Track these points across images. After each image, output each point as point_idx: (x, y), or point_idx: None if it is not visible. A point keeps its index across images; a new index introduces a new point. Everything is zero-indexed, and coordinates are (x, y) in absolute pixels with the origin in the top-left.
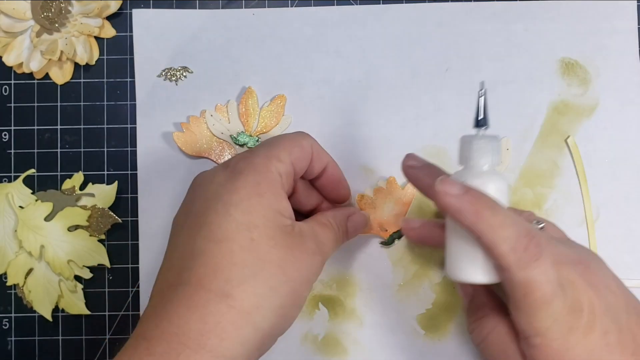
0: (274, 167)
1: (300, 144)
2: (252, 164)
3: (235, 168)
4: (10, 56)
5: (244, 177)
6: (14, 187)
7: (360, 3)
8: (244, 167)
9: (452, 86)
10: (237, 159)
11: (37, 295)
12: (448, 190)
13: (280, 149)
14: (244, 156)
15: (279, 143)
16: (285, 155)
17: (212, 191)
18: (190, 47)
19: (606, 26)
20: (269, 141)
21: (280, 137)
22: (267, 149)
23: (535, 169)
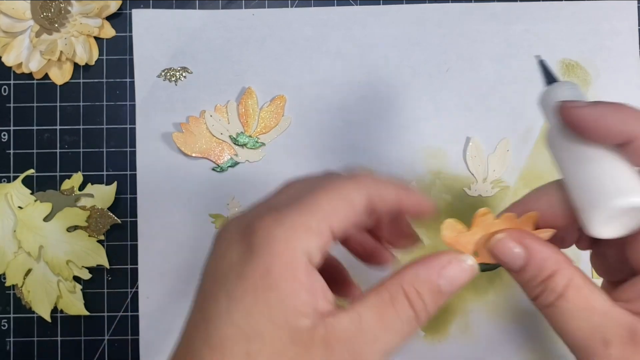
0: (299, 245)
1: (348, 199)
2: (269, 239)
3: (252, 240)
4: (10, 56)
5: (255, 260)
6: (13, 188)
7: (360, 4)
8: (259, 241)
9: (452, 87)
10: (259, 221)
11: (36, 295)
12: (578, 104)
13: (315, 212)
14: (265, 220)
15: (316, 202)
16: (321, 223)
17: (221, 272)
18: (190, 47)
19: (606, 27)
20: (303, 193)
21: (320, 189)
22: (298, 211)
23: (535, 170)
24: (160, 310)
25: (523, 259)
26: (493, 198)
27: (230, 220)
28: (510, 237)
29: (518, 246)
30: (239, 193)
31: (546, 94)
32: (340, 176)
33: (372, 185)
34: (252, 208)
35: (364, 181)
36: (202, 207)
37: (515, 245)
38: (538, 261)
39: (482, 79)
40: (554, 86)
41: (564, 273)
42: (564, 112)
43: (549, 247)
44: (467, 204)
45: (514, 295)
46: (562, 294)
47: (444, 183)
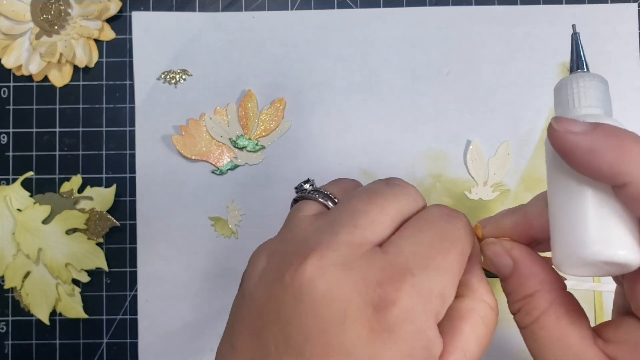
0: (435, 317)
1: (467, 253)
2: (413, 317)
3: (389, 319)
4: (10, 58)
5: (395, 344)
6: (12, 190)
7: (361, 6)
8: (400, 321)
9: (452, 89)
10: (395, 289)
11: (34, 298)
12: (570, 127)
13: (449, 280)
14: (406, 290)
15: (450, 269)
16: (453, 289)
17: (341, 348)
18: (189, 50)
19: (607, 30)
20: (436, 252)
21: (451, 250)
22: (437, 279)
23: (536, 173)
24: (160, 313)
25: (509, 269)
26: (494, 201)
27: (324, 263)
28: (501, 244)
29: (506, 255)
30: (238, 196)
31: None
32: (455, 225)
33: (473, 238)
34: (344, 244)
35: (472, 232)
36: (202, 209)
37: (503, 254)
38: (522, 276)
39: (483, 81)
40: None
41: (544, 297)
42: (553, 134)
43: (539, 264)
44: (467, 207)
45: None
46: (537, 319)
47: (444, 186)
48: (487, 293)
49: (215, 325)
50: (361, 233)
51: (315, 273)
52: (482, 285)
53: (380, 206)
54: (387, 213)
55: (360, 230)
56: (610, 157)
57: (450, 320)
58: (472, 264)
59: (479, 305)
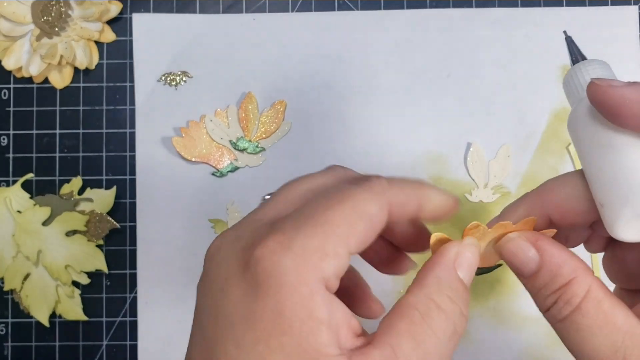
0: (313, 274)
1: (367, 214)
2: (277, 270)
3: (256, 273)
4: (10, 60)
5: (263, 299)
6: (12, 192)
7: (361, 8)
8: (265, 274)
9: (453, 92)
10: (261, 246)
11: (34, 300)
12: (613, 82)
13: (329, 232)
14: (269, 245)
15: (330, 220)
16: (337, 246)
17: (224, 313)
18: (190, 51)
19: (607, 33)
20: (312, 206)
21: (334, 203)
22: (308, 231)
23: (536, 175)
24: (159, 315)
25: (536, 263)
26: (494, 204)
27: (224, 239)
28: (523, 237)
29: (531, 248)
30: (238, 198)
31: (572, 73)
32: (353, 185)
33: (391, 194)
34: (248, 221)
35: (381, 190)
36: (202, 212)
37: (528, 247)
38: (553, 266)
39: (483, 84)
40: (582, 64)
41: (581, 282)
42: (596, 91)
43: (566, 251)
44: (468, 209)
45: (514, 301)
46: (579, 307)
47: (444, 188)
48: (440, 294)
49: None
50: (265, 211)
51: (216, 246)
52: (437, 284)
53: (289, 186)
54: (294, 191)
55: (264, 209)
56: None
57: (388, 317)
58: (434, 263)
59: (422, 303)
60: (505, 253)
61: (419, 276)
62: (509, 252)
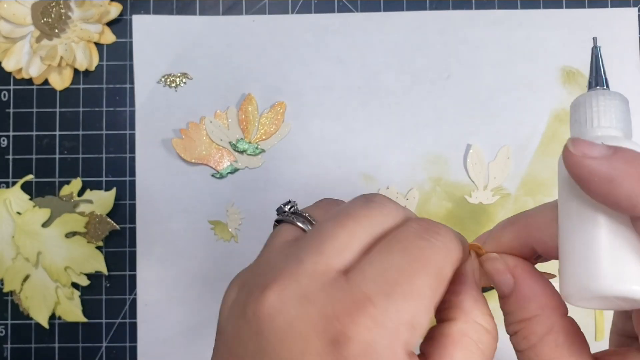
0: (405, 348)
1: (446, 278)
2: (374, 350)
3: (348, 354)
4: (10, 61)
5: None
6: (12, 193)
7: (361, 10)
8: (361, 356)
9: (453, 94)
10: (354, 322)
11: (33, 301)
12: (588, 151)
13: (421, 305)
14: (366, 323)
15: (421, 290)
16: (426, 318)
17: None
18: (190, 53)
19: (607, 34)
20: (401, 276)
21: (421, 271)
22: (401, 308)
23: (536, 177)
24: (159, 317)
25: (510, 288)
26: (494, 205)
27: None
28: (502, 261)
29: (507, 273)
30: (238, 199)
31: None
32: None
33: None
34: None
35: (456, 249)
36: (202, 213)
37: (503, 272)
38: (521, 298)
39: (483, 85)
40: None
41: (544, 322)
42: (568, 158)
43: (540, 285)
44: (467, 211)
45: None
46: (534, 346)
47: (444, 190)
48: (483, 315)
49: (214, 329)
50: (326, 260)
51: (275, 307)
52: (477, 306)
53: (350, 229)
54: (357, 237)
55: (325, 257)
56: (629, 187)
57: (440, 346)
58: (465, 284)
59: (472, 329)
60: (485, 269)
61: (456, 301)
62: (488, 270)
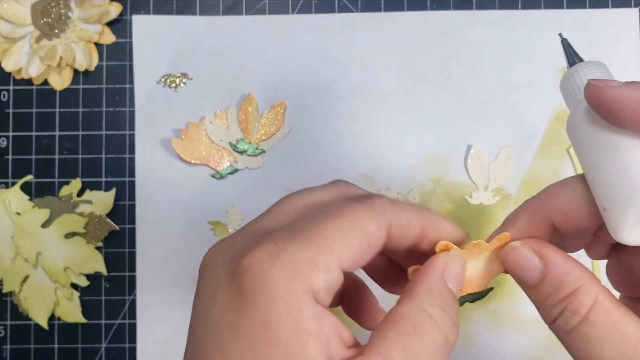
0: (301, 286)
1: (364, 231)
2: (265, 280)
3: (243, 282)
4: (10, 61)
5: (249, 309)
6: (11, 193)
7: (362, 11)
8: (252, 283)
9: (453, 94)
10: (250, 255)
11: (33, 302)
12: (610, 83)
13: (322, 245)
14: (261, 256)
15: (324, 233)
16: (329, 260)
17: (211, 319)
18: (190, 53)
19: (608, 35)
20: (308, 218)
21: (330, 217)
22: (300, 243)
23: (537, 178)
24: (158, 318)
25: (540, 272)
26: (494, 206)
27: (217, 248)
28: (527, 245)
29: (535, 256)
30: (238, 200)
31: (569, 75)
32: (353, 202)
33: (391, 214)
34: (244, 231)
35: (382, 209)
36: (201, 214)
37: (531, 255)
38: (557, 275)
39: (484, 86)
40: (578, 66)
41: (588, 291)
42: (594, 92)
43: (570, 259)
44: (468, 212)
45: (515, 304)
46: (587, 317)
47: (444, 191)
48: (431, 304)
49: None
50: (262, 222)
51: (206, 259)
52: (427, 294)
53: (291, 199)
54: (294, 203)
55: (262, 220)
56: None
57: (380, 326)
58: (426, 274)
59: (414, 314)
60: (508, 262)
61: (409, 287)
62: (512, 261)
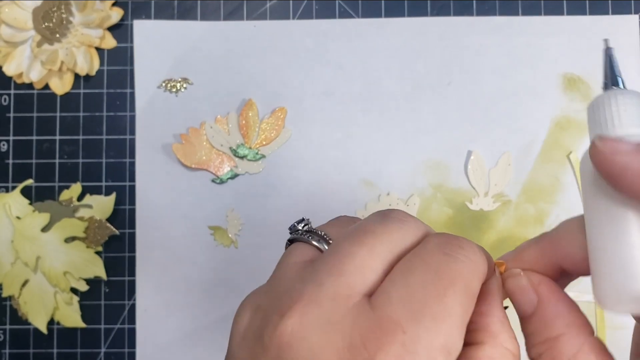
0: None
1: (474, 294)
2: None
3: None
4: (11, 66)
5: None
6: (11, 197)
7: (362, 16)
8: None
9: (453, 100)
10: (383, 351)
11: (32, 307)
12: (618, 147)
13: (455, 329)
14: (396, 352)
15: (452, 311)
16: (460, 339)
17: None
18: (190, 58)
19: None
20: (429, 297)
21: (449, 290)
22: (432, 332)
23: (537, 184)
24: (158, 323)
25: (533, 306)
26: (494, 212)
27: (303, 321)
28: (526, 277)
29: (531, 290)
30: (238, 205)
31: (603, 100)
32: (454, 257)
33: (485, 267)
34: (327, 296)
35: (481, 263)
36: (201, 218)
37: (527, 289)
38: (546, 315)
39: (484, 92)
40: (617, 93)
41: (571, 341)
42: (597, 155)
43: (565, 303)
44: (468, 217)
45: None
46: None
47: (445, 196)
48: (510, 339)
49: (213, 336)
50: (347, 282)
51: (296, 333)
52: (504, 329)
53: (370, 247)
54: (377, 254)
55: (346, 279)
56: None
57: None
58: (491, 303)
59: (500, 354)
60: (506, 287)
61: (483, 323)
62: (509, 288)
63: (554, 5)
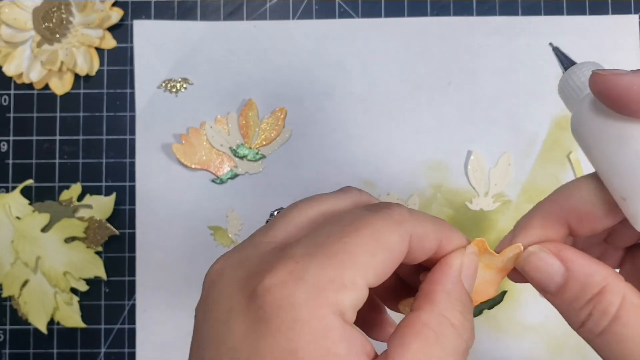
0: (329, 308)
1: (388, 244)
2: (289, 304)
3: (263, 306)
4: (11, 66)
5: (273, 335)
6: (11, 198)
7: (362, 16)
8: (275, 308)
9: (453, 100)
10: (270, 276)
11: (32, 307)
12: (615, 72)
13: (347, 263)
14: (283, 276)
15: (348, 248)
16: (357, 276)
17: (227, 346)
18: (190, 58)
19: (608, 42)
20: (330, 239)
21: (352, 230)
22: (323, 261)
23: (537, 184)
24: (158, 323)
25: (562, 275)
26: (494, 212)
27: (227, 262)
28: (545, 249)
29: (555, 260)
30: (238, 205)
31: (567, 77)
32: (371, 212)
33: (411, 226)
34: (254, 242)
35: (402, 219)
36: (201, 219)
37: (552, 259)
38: (581, 277)
39: (484, 92)
40: (575, 67)
41: (615, 289)
42: (600, 82)
43: (592, 259)
44: (468, 217)
45: (515, 310)
46: (617, 316)
47: (445, 197)
48: (451, 310)
49: None
50: (273, 233)
51: (216, 272)
52: (447, 299)
53: (300, 208)
54: (305, 214)
55: (272, 232)
56: None
57: (400, 335)
58: (443, 273)
59: (435, 321)
60: (527, 269)
61: (427, 290)
62: (532, 267)
63: (554, 6)
